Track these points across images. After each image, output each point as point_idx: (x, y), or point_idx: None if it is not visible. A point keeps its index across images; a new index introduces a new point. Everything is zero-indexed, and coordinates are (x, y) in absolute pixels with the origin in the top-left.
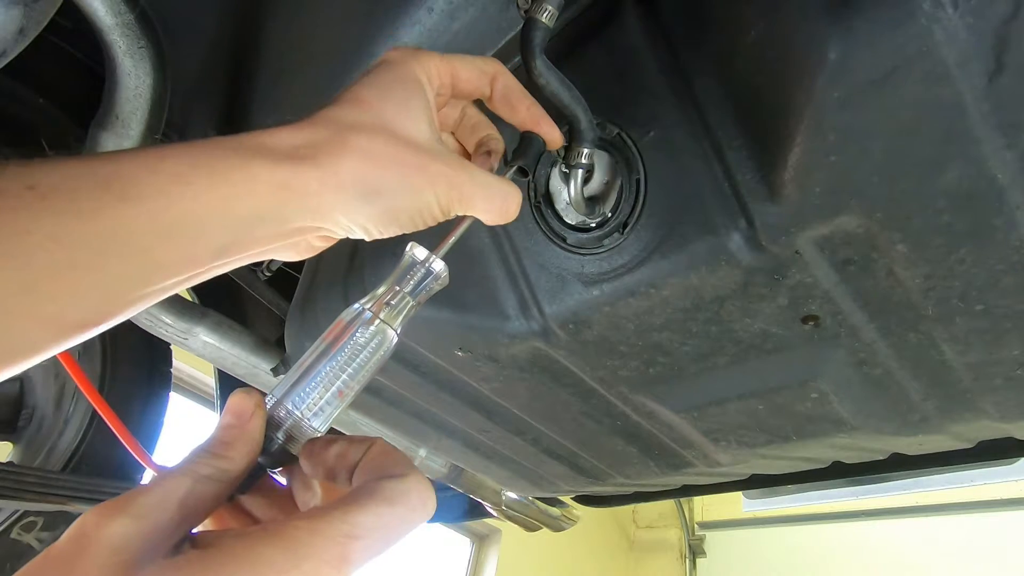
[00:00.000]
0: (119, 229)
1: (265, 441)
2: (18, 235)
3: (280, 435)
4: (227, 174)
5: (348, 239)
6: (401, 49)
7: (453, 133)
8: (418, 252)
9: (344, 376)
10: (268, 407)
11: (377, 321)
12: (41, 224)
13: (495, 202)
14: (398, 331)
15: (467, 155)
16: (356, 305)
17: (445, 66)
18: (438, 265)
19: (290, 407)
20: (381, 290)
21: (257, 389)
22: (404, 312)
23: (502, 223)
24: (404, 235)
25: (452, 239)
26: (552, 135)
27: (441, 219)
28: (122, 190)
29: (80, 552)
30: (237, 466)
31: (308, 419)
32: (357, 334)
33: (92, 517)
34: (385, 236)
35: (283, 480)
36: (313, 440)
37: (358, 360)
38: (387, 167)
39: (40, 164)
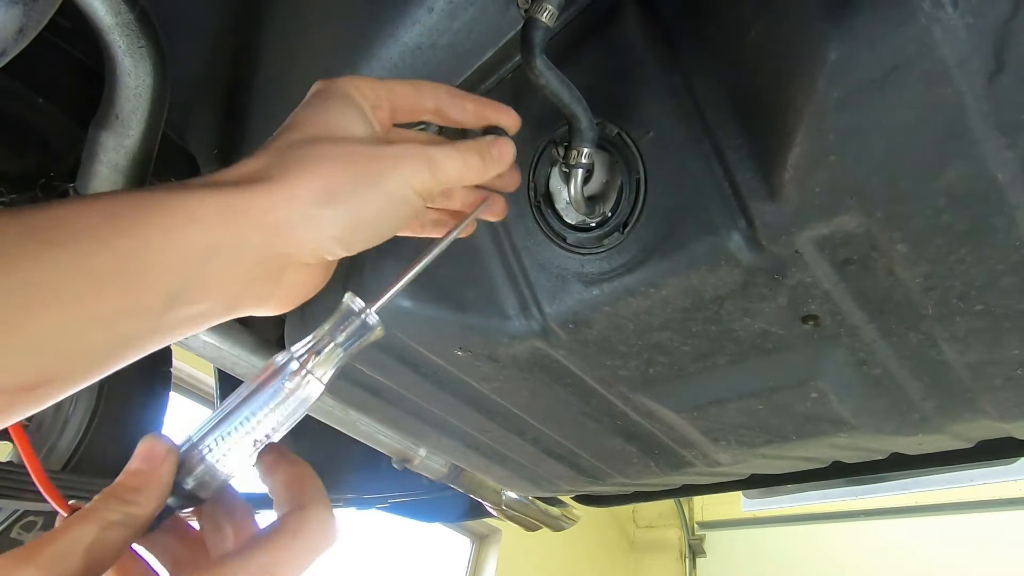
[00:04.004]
0: (41, 279)
1: (176, 483)
2: None
3: (191, 480)
4: (167, 205)
5: None
6: (327, 79)
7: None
8: (355, 303)
9: (261, 426)
10: (182, 450)
11: (304, 372)
12: None
13: (473, 158)
14: (324, 382)
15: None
16: (285, 353)
17: (376, 83)
18: (372, 319)
19: (203, 452)
20: (318, 334)
21: (168, 436)
22: (334, 362)
23: (490, 177)
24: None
25: (393, 291)
26: (509, 118)
27: (420, 204)
28: (48, 235)
29: None
30: (145, 511)
31: (219, 465)
32: (284, 383)
33: (2, 565)
34: (363, 245)
35: (194, 522)
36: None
37: (279, 412)
38: (337, 166)
39: None
